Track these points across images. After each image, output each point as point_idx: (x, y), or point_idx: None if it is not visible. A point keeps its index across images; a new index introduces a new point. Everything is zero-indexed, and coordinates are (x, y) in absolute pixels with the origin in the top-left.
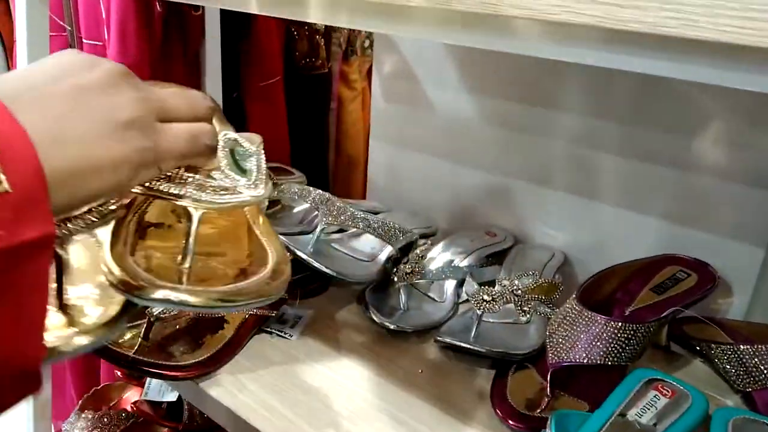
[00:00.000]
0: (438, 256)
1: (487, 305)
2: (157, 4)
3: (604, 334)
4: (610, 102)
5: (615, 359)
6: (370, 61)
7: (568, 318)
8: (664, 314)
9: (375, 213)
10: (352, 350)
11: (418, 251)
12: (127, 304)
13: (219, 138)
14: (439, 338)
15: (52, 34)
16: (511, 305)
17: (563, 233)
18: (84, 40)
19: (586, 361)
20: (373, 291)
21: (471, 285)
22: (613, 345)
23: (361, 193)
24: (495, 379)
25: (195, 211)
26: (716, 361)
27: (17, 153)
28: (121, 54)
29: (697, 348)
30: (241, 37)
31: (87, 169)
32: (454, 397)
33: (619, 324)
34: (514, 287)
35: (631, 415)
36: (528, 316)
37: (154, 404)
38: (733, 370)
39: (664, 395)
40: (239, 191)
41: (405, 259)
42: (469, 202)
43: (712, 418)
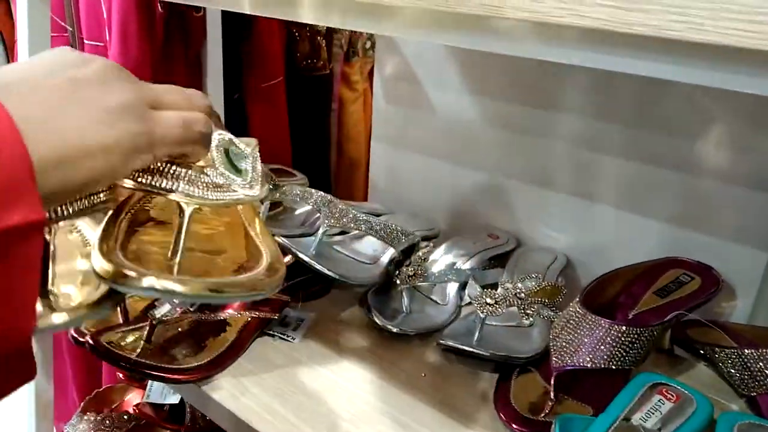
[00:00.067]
0: (440, 259)
1: (490, 308)
2: (159, 5)
3: (608, 338)
4: (613, 104)
5: (619, 363)
6: (372, 62)
7: (572, 321)
8: (668, 318)
9: (377, 215)
10: (355, 353)
11: (420, 254)
12: (108, 293)
13: (214, 137)
14: (441, 341)
15: (54, 34)
16: (514, 308)
17: (566, 236)
18: (85, 41)
19: (590, 365)
20: (375, 293)
21: (473, 288)
22: (617, 349)
23: (362, 194)
24: (498, 383)
25: (187, 207)
26: (720, 365)
27: (2, 136)
28: (122, 55)
29: (701, 352)
30: (243, 39)
31: (77, 153)
32: (457, 400)
33: (623, 328)
34: (517, 290)
35: (636, 419)
36: (531, 319)
37: (156, 406)
38: (738, 375)
39: (669, 399)
40: (233, 189)
41: (407, 262)
42: (471, 204)
43: (717, 422)
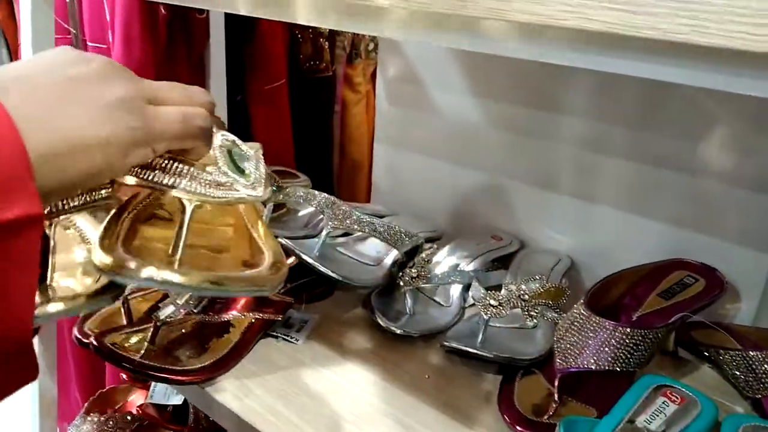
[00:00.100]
0: (444, 260)
1: (494, 310)
2: (162, 7)
3: (613, 340)
4: (616, 106)
5: (623, 365)
6: (374, 64)
7: (576, 323)
8: (672, 320)
9: (380, 216)
10: (358, 354)
11: (423, 255)
12: (107, 285)
13: (217, 138)
14: (445, 343)
15: (57, 37)
16: (518, 310)
17: (569, 237)
18: (88, 43)
19: (594, 367)
20: (378, 295)
21: (477, 289)
22: (621, 351)
23: (365, 196)
24: (502, 385)
25: (188, 203)
26: (725, 367)
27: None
28: (125, 57)
29: (705, 354)
30: (246, 41)
31: (74, 148)
32: (461, 402)
33: (628, 330)
34: (521, 292)
35: (640, 421)
36: (535, 321)
37: (160, 407)
38: (743, 377)
39: (673, 402)
40: (235, 188)
41: (411, 263)
42: (474, 206)
43: (722, 425)
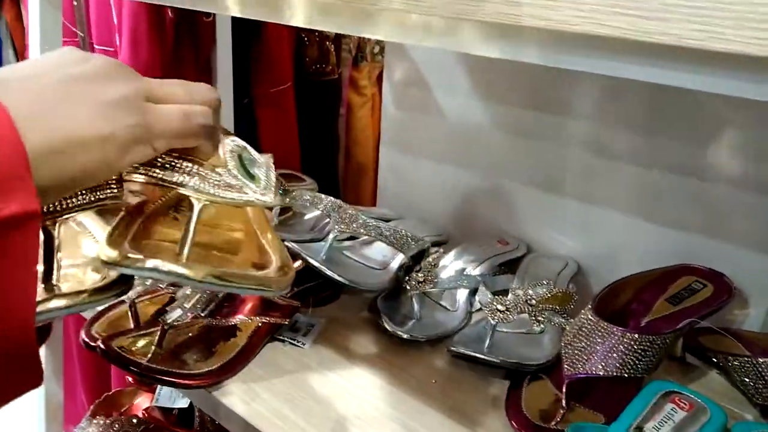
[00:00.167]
0: (450, 265)
1: (501, 315)
2: (169, 11)
3: (621, 346)
4: (623, 109)
5: (631, 371)
6: (380, 67)
7: (584, 329)
8: (680, 326)
9: (386, 220)
10: (365, 359)
11: (430, 259)
12: (112, 282)
13: (227, 143)
14: (452, 348)
15: (65, 39)
16: (525, 315)
17: (576, 242)
18: (96, 46)
19: (602, 372)
20: (384, 299)
21: (484, 294)
22: (629, 357)
23: (370, 199)
24: (509, 390)
25: (196, 202)
26: (734, 373)
27: None
28: (132, 59)
29: (714, 360)
30: (252, 44)
31: (72, 146)
32: (467, 407)
33: (636, 335)
34: (528, 297)
35: (648, 428)
36: (542, 326)
37: (165, 410)
38: (752, 383)
39: (682, 408)
40: (245, 191)
41: (417, 268)
42: (481, 210)
43: None
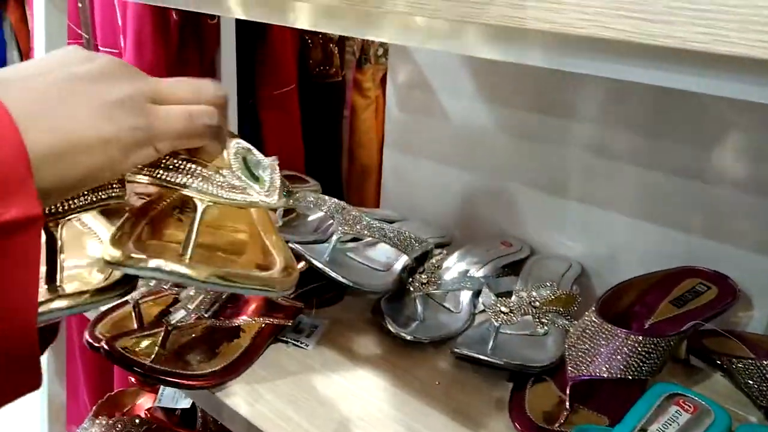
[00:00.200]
0: (453, 266)
1: (505, 317)
2: (173, 13)
3: (625, 348)
4: (627, 111)
5: (635, 373)
6: (384, 69)
7: (588, 331)
8: (685, 328)
9: (389, 222)
10: (368, 360)
11: (433, 261)
12: (115, 282)
13: (231, 145)
14: (456, 350)
15: (69, 41)
16: (529, 317)
17: (580, 244)
18: (100, 48)
19: (606, 375)
20: (388, 301)
21: (488, 296)
22: (633, 359)
23: (373, 201)
24: (513, 392)
25: (200, 203)
26: (738, 375)
27: None
28: (137, 61)
29: (718, 362)
30: (256, 46)
31: (74, 147)
32: (471, 408)
33: (640, 338)
34: (532, 299)
35: (652, 430)
36: (546, 328)
37: (168, 411)
38: (756, 386)
39: (686, 411)
40: (249, 193)
41: (421, 269)
42: (484, 212)
43: None
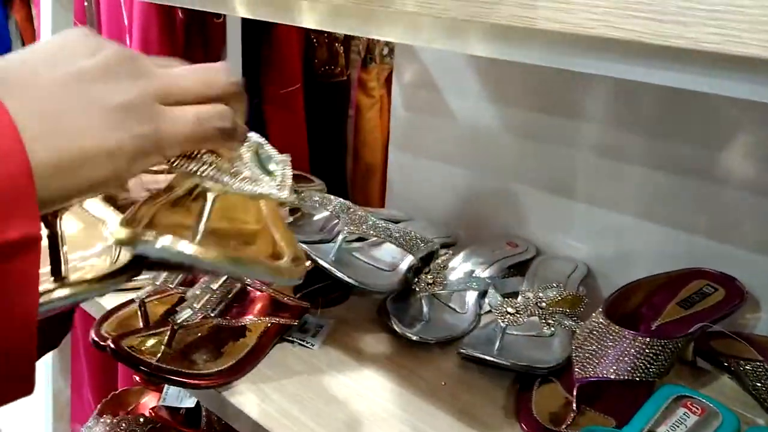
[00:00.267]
0: (459, 267)
1: (511, 318)
2: (179, 12)
3: (632, 350)
4: (635, 112)
5: (642, 375)
6: (389, 68)
7: (595, 332)
8: (692, 330)
9: (395, 222)
10: (374, 360)
11: (439, 261)
12: (118, 270)
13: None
14: (462, 350)
15: None
16: (535, 318)
17: (586, 245)
18: None
19: (613, 376)
20: (393, 301)
21: (494, 297)
22: (641, 360)
23: (378, 200)
24: (519, 393)
25: (211, 193)
26: (745, 378)
27: (3, 148)
28: None
29: (725, 364)
30: (262, 45)
31: (79, 160)
32: (477, 409)
33: (647, 339)
34: (538, 299)
35: None
36: (552, 329)
37: (172, 410)
38: (764, 388)
39: (694, 413)
40: (260, 185)
41: (426, 269)
42: (490, 212)
43: None
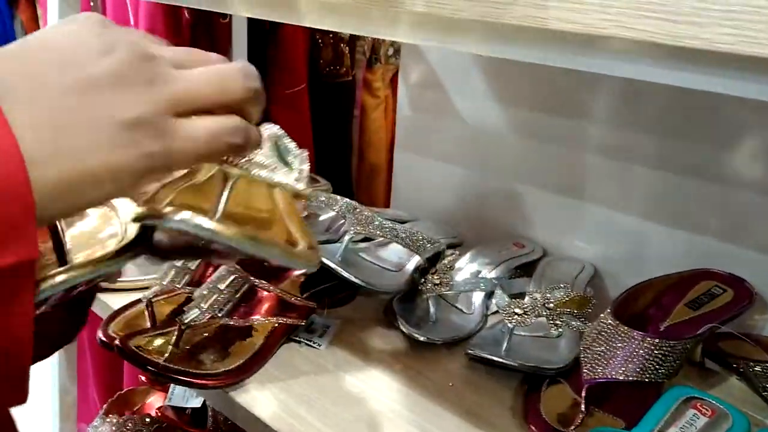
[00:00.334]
0: (465, 267)
1: (519, 318)
2: (185, 12)
3: (641, 351)
4: (643, 112)
5: (651, 376)
6: (394, 69)
7: (604, 333)
8: (701, 331)
9: (401, 222)
10: (381, 360)
11: (445, 262)
12: (124, 246)
13: (262, 130)
14: (469, 351)
15: None
16: (543, 319)
17: (592, 245)
18: None
19: (622, 377)
20: (400, 301)
21: (501, 297)
22: (649, 362)
23: (383, 200)
24: (527, 394)
25: (231, 178)
26: (755, 379)
27: (4, 169)
28: None
29: (734, 366)
30: (268, 45)
31: (84, 180)
32: (485, 410)
33: (656, 340)
34: (546, 300)
35: None
36: (559, 330)
37: (178, 410)
38: None
39: (704, 414)
40: (278, 173)
41: (433, 270)
42: (496, 213)
43: None
